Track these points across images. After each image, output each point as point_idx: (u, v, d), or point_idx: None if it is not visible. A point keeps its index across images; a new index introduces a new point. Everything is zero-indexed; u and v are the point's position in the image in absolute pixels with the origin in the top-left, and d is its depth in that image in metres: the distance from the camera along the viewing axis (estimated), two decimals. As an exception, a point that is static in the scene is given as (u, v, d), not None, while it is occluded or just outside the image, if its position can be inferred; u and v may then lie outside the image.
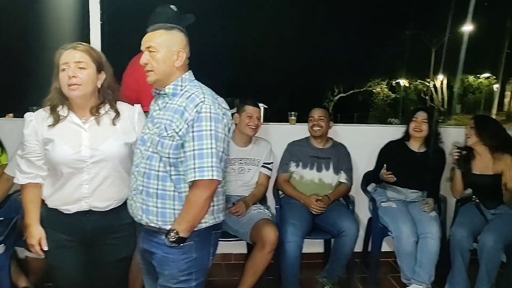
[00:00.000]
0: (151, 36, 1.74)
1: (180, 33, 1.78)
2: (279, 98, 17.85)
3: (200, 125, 1.65)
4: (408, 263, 2.80)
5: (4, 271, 2.40)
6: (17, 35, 14.08)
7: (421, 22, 21.91)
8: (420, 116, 3.04)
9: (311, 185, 3.04)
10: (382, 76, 25.76)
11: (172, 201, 1.71)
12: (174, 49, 1.74)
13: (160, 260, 1.76)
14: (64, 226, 1.85)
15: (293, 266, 2.73)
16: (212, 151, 1.64)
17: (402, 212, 2.91)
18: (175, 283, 1.75)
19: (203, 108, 1.65)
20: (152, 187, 1.71)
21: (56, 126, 1.80)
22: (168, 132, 1.68)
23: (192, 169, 1.64)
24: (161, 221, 1.72)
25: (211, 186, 1.67)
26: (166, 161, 1.69)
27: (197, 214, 1.68)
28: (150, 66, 1.73)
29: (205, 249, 1.80)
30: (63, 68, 1.76)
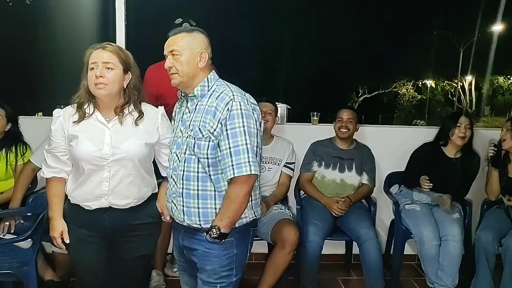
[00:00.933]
0: (173, 40, 1.77)
1: (201, 35, 1.80)
2: (303, 99, 17.81)
3: (233, 122, 1.68)
4: (432, 267, 2.74)
5: (31, 266, 2.44)
6: (46, 37, 14.47)
7: (449, 22, 21.50)
8: (464, 121, 2.90)
9: (333, 185, 3.03)
10: (408, 77, 25.38)
11: (213, 200, 1.75)
12: (197, 50, 1.77)
13: (202, 255, 1.80)
14: (85, 222, 1.90)
15: (312, 266, 2.72)
16: (248, 147, 1.68)
17: (425, 215, 2.86)
18: (216, 278, 1.79)
19: (234, 106, 1.69)
20: (193, 188, 1.75)
21: (81, 123, 1.85)
22: (203, 134, 1.71)
23: (230, 166, 1.68)
24: (203, 221, 1.75)
25: (249, 181, 1.71)
26: (204, 162, 1.72)
27: (237, 209, 1.72)
28: (174, 69, 1.76)
29: (244, 246, 1.84)
30: (92, 67, 1.80)
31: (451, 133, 2.91)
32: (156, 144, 1.94)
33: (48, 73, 13.26)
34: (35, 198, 2.80)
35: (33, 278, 2.44)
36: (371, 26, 22.80)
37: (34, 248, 2.51)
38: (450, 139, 2.93)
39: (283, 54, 21.89)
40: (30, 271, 2.43)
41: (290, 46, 21.68)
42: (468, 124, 2.90)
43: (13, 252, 2.49)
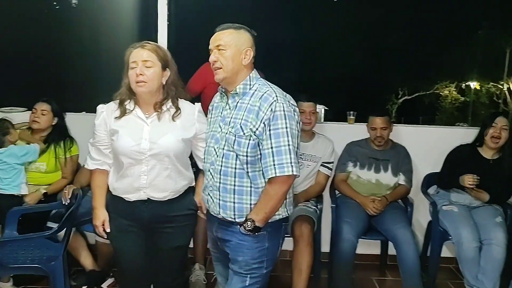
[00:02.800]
0: (220, 35, 1.81)
1: (247, 33, 1.84)
2: (340, 100, 17.60)
3: (276, 123, 1.72)
4: (470, 269, 2.69)
5: (59, 261, 2.46)
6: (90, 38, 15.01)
7: (495, 22, 20.69)
8: (500, 122, 2.82)
9: (368, 185, 3.02)
10: (450, 79, 24.57)
11: (248, 196, 1.79)
12: (243, 47, 1.81)
13: (235, 247, 1.84)
14: (125, 212, 1.99)
15: (346, 265, 2.72)
16: (290, 148, 1.72)
17: (463, 217, 2.80)
18: (247, 269, 1.83)
19: (277, 107, 1.73)
20: (229, 183, 1.79)
21: (122, 119, 1.94)
22: (244, 132, 1.75)
23: (272, 166, 1.72)
24: (237, 215, 1.80)
25: (289, 180, 1.75)
26: (243, 159, 1.76)
27: (274, 206, 1.77)
28: (219, 64, 1.80)
29: (276, 240, 1.88)
30: (132, 66, 1.89)
31: (486, 133, 2.84)
32: (193, 139, 2.00)
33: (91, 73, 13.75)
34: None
35: (60, 273, 2.45)
36: (413, 26, 22.25)
37: (62, 243, 2.54)
38: (485, 140, 2.86)
39: (322, 54, 21.70)
40: (58, 266, 2.45)
41: (329, 46, 21.46)
42: (505, 125, 2.81)
43: (43, 246, 2.55)
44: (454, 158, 2.97)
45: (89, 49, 14.62)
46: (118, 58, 2.04)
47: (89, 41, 14.97)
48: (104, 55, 12.70)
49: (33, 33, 13.93)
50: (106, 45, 13.11)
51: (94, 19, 14.79)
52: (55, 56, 14.06)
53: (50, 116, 2.94)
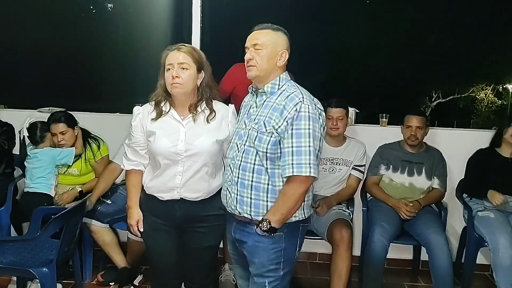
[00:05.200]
0: (258, 34, 1.83)
1: (285, 35, 1.86)
2: (372, 103, 17.37)
3: (299, 123, 1.73)
4: (506, 278, 2.59)
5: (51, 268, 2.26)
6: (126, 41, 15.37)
7: (536, 22, 19.96)
8: None
9: (401, 189, 2.97)
10: (487, 81, 23.86)
11: (265, 193, 1.79)
12: (279, 49, 1.83)
13: (250, 248, 1.85)
14: (159, 211, 2.03)
15: (376, 268, 2.68)
16: (310, 149, 1.72)
17: (500, 223, 2.72)
18: (265, 271, 1.83)
19: (302, 108, 1.73)
20: (247, 179, 1.80)
21: (158, 120, 1.98)
22: (267, 128, 1.77)
23: (290, 165, 1.73)
24: (253, 212, 1.81)
25: (307, 182, 1.75)
26: (262, 156, 1.77)
27: (291, 207, 1.77)
28: (254, 62, 1.81)
29: (293, 240, 1.87)
30: (168, 68, 1.92)
31: (505, 131, 2.82)
32: (225, 141, 2.02)
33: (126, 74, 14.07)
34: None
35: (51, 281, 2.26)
36: (448, 27, 21.71)
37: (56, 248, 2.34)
38: (504, 138, 2.83)
39: (354, 56, 21.48)
40: (49, 273, 2.24)
41: (362, 48, 21.21)
42: None
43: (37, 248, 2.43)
44: (475, 163, 2.94)
45: (124, 52, 14.98)
46: (152, 60, 2.09)
47: (124, 44, 15.34)
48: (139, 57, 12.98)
49: (70, 36, 14.40)
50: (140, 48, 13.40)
51: (129, 22, 15.15)
52: (91, 59, 14.47)
53: (70, 132, 2.92)
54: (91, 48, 14.54)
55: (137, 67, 12.36)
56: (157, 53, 2.00)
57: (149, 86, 2.07)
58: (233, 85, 2.79)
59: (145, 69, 8.61)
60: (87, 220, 2.79)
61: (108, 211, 2.85)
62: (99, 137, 3.10)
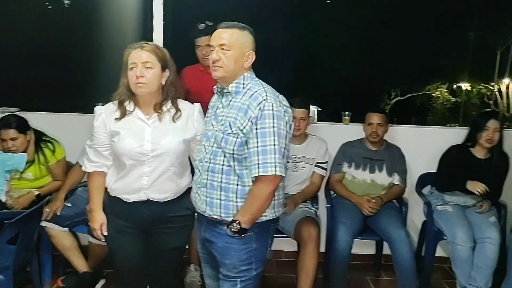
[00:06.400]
0: (224, 33, 1.78)
1: (250, 35, 1.83)
2: (335, 101, 17.66)
3: (263, 122, 1.71)
4: (463, 270, 2.71)
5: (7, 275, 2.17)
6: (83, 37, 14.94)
7: (486, 23, 20.86)
8: (492, 125, 2.85)
9: (363, 185, 3.03)
10: (442, 80, 24.72)
11: (235, 194, 1.78)
12: (246, 50, 1.79)
13: (221, 249, 1.83)
14: (124, 213, 1.98)
15: (342, 265, 2.73)
16: (275, 148, 1.71)
17: (458, 217, 2.83)
18: (236, 272, 1.82)
19: (266, 106, 1.71)
20: (216, 180, 1.78)
21: (123, 120, 1.93)
22: (232, 130, 1.74)
23: (257, 165, 1.71)
24: (224, 213, 1.79)
25: (275, 181, 1.74)
26: (230, 157, 1.76)
27: (260, 207, 1.75)
28: (221, 63, 1.77)
29: (264, 240, 1.86)
30: (131, 67, 1.87)
31: (479, 136, 2.88)
32: (191, 140, 2.00)
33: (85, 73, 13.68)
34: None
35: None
36: (405, 28, 22.37)
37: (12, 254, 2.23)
38: (478, 142, 2.90)
39: (317, 55, 21.77)
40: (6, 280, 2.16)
41: (324, 47, 21.54)
42: (497, 127, 2.86)
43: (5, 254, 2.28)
44: (448, 159, 3.00)
45: (83, 49, 14.55)
46: (113, 59, 2.03)
47: (83, 41, 14.90)
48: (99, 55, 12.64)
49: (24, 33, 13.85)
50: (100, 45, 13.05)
51: (87, 19, 14.73)
52: (48, 57, 13.97)
53: (22, 137, 2.76)
54: (47, 46, 14.04)
55: (97, 65, 12.04)
56: (119, 51, 1.95)
57: (110, 85, 2.01)
58: (185, 89, 2.75)
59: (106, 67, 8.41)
60: (45, 224, 2.68)
61: (68, 214, 2.75)
62: (53, 140, 2.96)
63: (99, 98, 2.30)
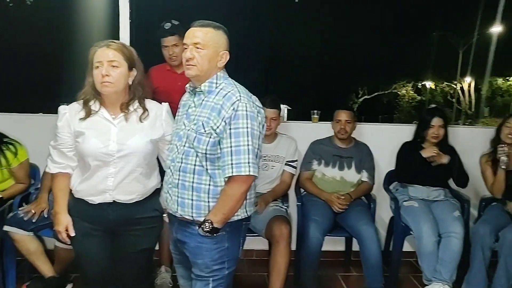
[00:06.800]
0: (198, 32, 1.77)
1: (225, 35, 1.82)
2: (304, 100, 17.83)
3: (237, 122, 1.71)
4: (429, 263, 2.79)
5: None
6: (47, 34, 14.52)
7: (448, 23, 21.51)
8: (436, 122, 3.00)
9: (333, 183, 3.07)
10: (407, 78, 25.37)
11: (207, 194, 1.77)
12: (220, 50, 1.79)
13: (193, 249, 1.82)
14: (89, 216, 1.94)
15: (312, 262, 2.76)
16: (249, 148, 1.71)
17: (423, 212, 2.90)
18: (208, 272, 1.81)
19: (240, 106, 1.71)
20: (188, 180, 1.77)
21: (87, 120, 1.89)
22: (205, 129, 1.73)
23: (230, 165, 1.71)
24: (195, 213, 1.78)
25: (248, 181, 1.74)
26: (202, 157, 1.75)
27: (233, 207, 1.76)
28: (195, 62, 1.76)
29: (236, 239, 1.87)
30: (97, 65, 1.83)
31: (426, 133, 3.02)
32: (159, 141, 1.97)
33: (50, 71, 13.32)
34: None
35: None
36: (372, 27, 22.80)
37: None
38: (426, 138, 3.04)
39: (285, 55, 21.92)
40: None
41: (293, 47, 21.71)
42: (441, 124, 3.00)
43: None
44: (403, 155, 3.12)
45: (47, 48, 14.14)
46: (79, 57, 1.98)
47: (46, 40, 14.48)
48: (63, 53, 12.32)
49: (-16, 30, 13.36)
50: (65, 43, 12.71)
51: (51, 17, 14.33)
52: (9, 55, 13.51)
53: None
54: (9, 44, 13.58)
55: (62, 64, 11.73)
56: (84, 49, 1.90)
57: (76, 85, 1.97)
58: (152, 89, 2.72)
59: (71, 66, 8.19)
60: (9, 228, 2.60)
61: (32, 218, 2.67)
62: (15, 142, 2.85)
63: (64, 97, 2.23)
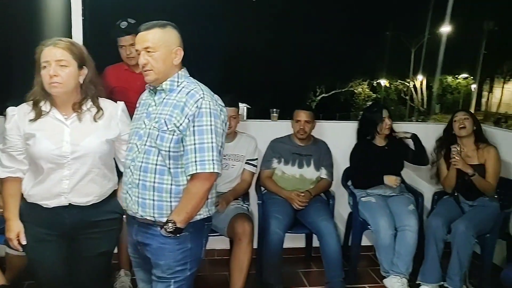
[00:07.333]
0: (147, 35, 1.73)
1: (174, 30, 1.79)
2: (263, 98, 17.92)
3: (201, 120, 1.70)
4: (386, 256, 2.87)
5: None
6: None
7: (401, 24, 22.23)
8: (386, 114, 3.11)
9: (292, 180, 3.10)
10: (363, 77, 26.03)
11: (169, 194, 1.74)
12: (172, 47, 1.76)
13: (155, 250, 1.79)
14: (43, 220, 1.87)
15: (274, 259, 2.78)
16: (213, 145, 1.70)
17: (380, 206, 2.99)
18: (170, 273, 1.79)
19: (203, 104, 1.70)
20: (149, 180, 1.73)
21: (38, 121, 1.82)
22: (168, 127, 1.71)
23: (194, 162, 1.69)
24: (157, 214, 1.74)
25: (211, 178, 1.73)
26: (165, 155, 1.72)
27: (196, 205, 1.74)
28: (150, 66, 1.74)
29: (199, 240, 1.85)
30: (44, 65, 1.77)
31: (379, 128, 3.11)
32: (116, 140, 1.93)
33: None
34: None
35: None
36: (329, 27, 23.22)
37: None
38: (379, 133, 3.13)
39: (244, 54, 21.95)
40: None
41: (251, 46, 21.76)
42: (388, 115, 3.13)
43: None
44: (357, 157, 3.19)
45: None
46: (28, 55, 1.89)
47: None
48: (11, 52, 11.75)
49: None
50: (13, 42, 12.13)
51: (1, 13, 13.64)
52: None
53: None
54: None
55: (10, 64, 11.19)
56: (34, 48, 1.82)
57: (25, 85, 1.87)
58: (109, 89, 2.66)
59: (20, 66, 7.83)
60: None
61: None
62: None
63: (13, 99, 2.13)
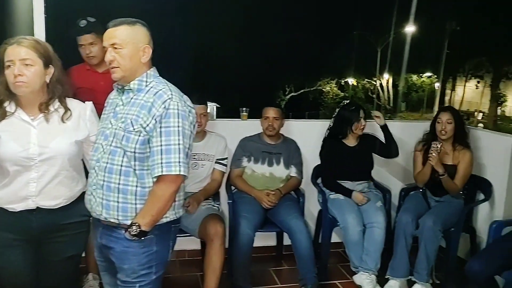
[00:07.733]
0: (114, 32, 1.70)
1: (143, 28, 1.76)
2: (232, 98, 17.90)
3: (168, 121, 1.67)
4: (356, 252, 2.92)
5: None
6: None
7: (367, 23, 22.64)
8: (362, 115, 3.12)
9: (262, 179, 3.11)
10: (331, 76, 26.39)
11: (133, 196, 1.70)
12: (140, 45, 1.73)
13: (119, 254, 1.75)
14: (9, 225, 1.81)
15: (244, 258, 2.78)
16: (180, 147, 1.67)
17: (348, 204, 3.03)
18: (135, 277, 1.74)
19: (171, 105, 1.67)
20: (114, 182, 1.70)
21: (3, 123, 1.76)
22: (134, 127, 1.68)
23: (160, 164, 1.66)
24: (121, 216, 1.71)
25: (177, 181, 1.70)
26: (131, 156, 1.68)
27: (161, 208, 1.70)
28: (117, 63, 1.70)
29: (165, 242, 1.82)
30: (8, 65, 1.71)
31: (354, 127, 3.13)
32: (84, 141, 1.89)
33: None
34: None
35: None
36: (297, 26, 23.44)
37: None
38: (353, 133, 3.15)
39: (213, 53, 21.87)
40: None
41: (220, 45, 21.71)
42: (363, 116, 3.15)
43: None
44: (327, 156, 3.22)
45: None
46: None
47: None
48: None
49: None
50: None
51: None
52: None
53: None
54: None
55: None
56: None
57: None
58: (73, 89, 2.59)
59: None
60: None
61: None
62: None
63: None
